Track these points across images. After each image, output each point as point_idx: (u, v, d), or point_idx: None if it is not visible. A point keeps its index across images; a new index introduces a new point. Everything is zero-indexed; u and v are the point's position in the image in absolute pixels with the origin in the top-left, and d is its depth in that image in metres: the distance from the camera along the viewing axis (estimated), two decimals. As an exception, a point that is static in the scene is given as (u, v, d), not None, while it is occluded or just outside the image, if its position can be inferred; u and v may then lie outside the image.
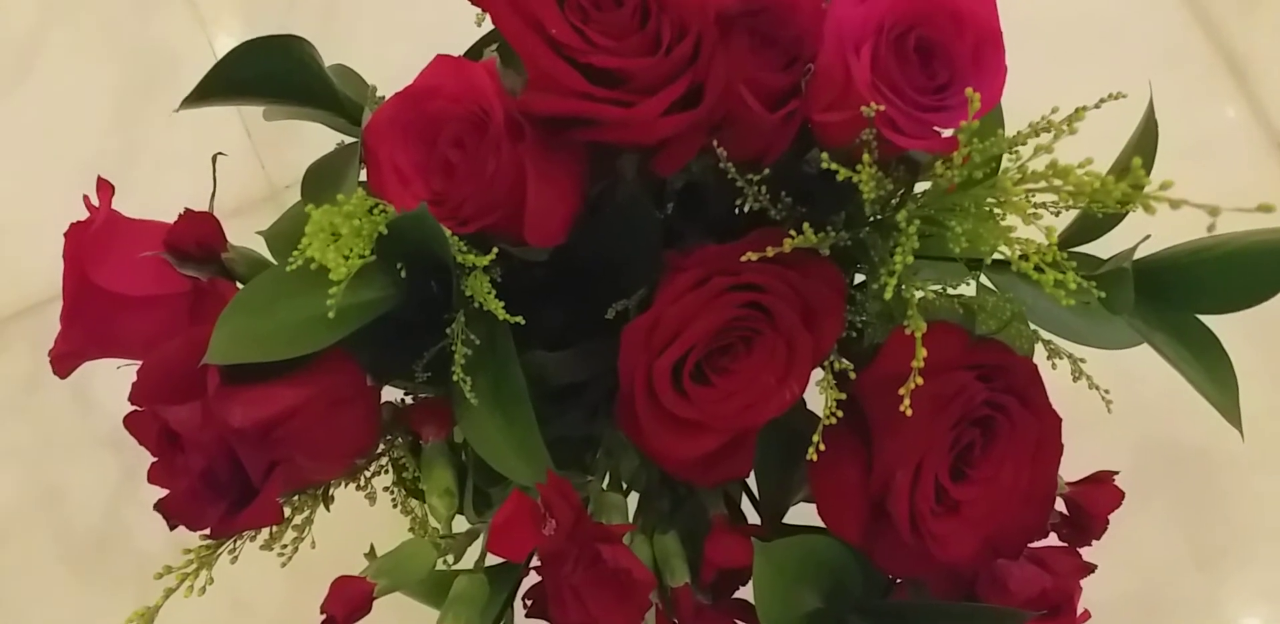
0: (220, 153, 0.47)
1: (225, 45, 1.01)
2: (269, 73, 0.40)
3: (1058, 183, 0.28)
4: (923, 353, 0.35)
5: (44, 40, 1.00)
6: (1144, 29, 0.88)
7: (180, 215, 0.43)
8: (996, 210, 0.36)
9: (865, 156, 0.34)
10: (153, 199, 0.48)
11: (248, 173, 0.93)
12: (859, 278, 0.46)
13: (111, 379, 0.41)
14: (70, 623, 0.85)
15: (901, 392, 0.35)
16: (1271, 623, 0.76)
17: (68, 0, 1.01)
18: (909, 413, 0.35)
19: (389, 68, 0.44)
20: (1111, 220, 0.43)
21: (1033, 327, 0.47)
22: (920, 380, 0.34)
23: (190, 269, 0.43)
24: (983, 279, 0.46)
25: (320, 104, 0.43)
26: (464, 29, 0.43)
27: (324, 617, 0.34)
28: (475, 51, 0.44)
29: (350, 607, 0.34)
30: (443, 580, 0.41)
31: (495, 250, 0.35)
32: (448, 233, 0.34)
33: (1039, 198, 0.32)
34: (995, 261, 0.46)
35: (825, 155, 0.33)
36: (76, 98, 0.99)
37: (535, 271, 0.44)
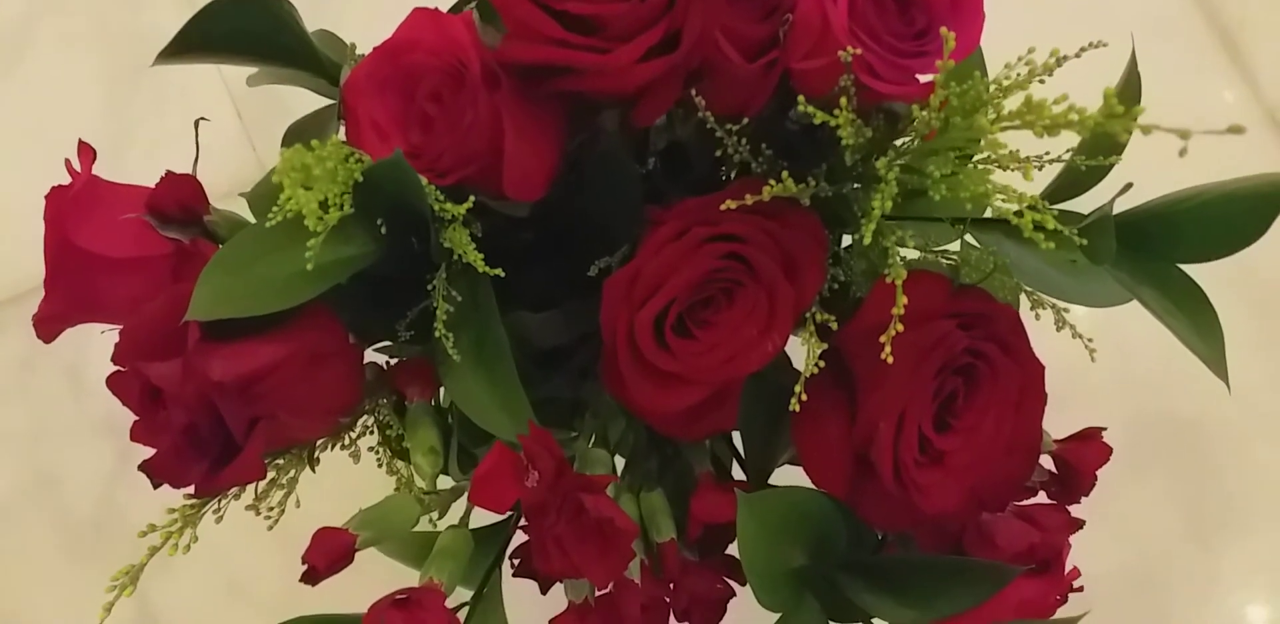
0: (203, 118, 0.47)
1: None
2: (246, 29, 0.40)
3: (1032, 119, 0.28)
4: (903, 300, 0.34)
5: (34, 28, 1.00)
6: (1136, 6, 0.88)
7: (162, 178, 0.43)
8: (976, 156, 0.36)
9: (843, 101, 0.34)
10: (145, 183, 0.48)
11: (239, 155, 0.93)
12: (846, 241, 0.46)
13: (106, 364, 0.41)
14: (66, 607, 0.85)
15: (883, 339, 0.35)
16: (1268, 594, 0.76)
17: (55, -14, 1.01)
18: (890, 361, 0.34)
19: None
20: (1095, 175, 0.43)
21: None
22: (901, 328, 0.34)
23: (173, 231, 0.42)
24: (969, 239, 0.46)
25: (301, 64, 0.43)
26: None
27: (305, 567, 0.34)
28: (456, 9, 0.44)
29: (331, 557, 0.34)
30: (427, 542, 0.40)
31: (472, 199, 0.35)
32: (424, 181, 0.34)
33: (1015, 134, 0.31)
34: (979, 221, 0.47)
35: (802, 99, 0.33)
36: (67, 85, 0.99)
37: (518, 231, 0.44)
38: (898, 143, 0.38)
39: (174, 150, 0.47)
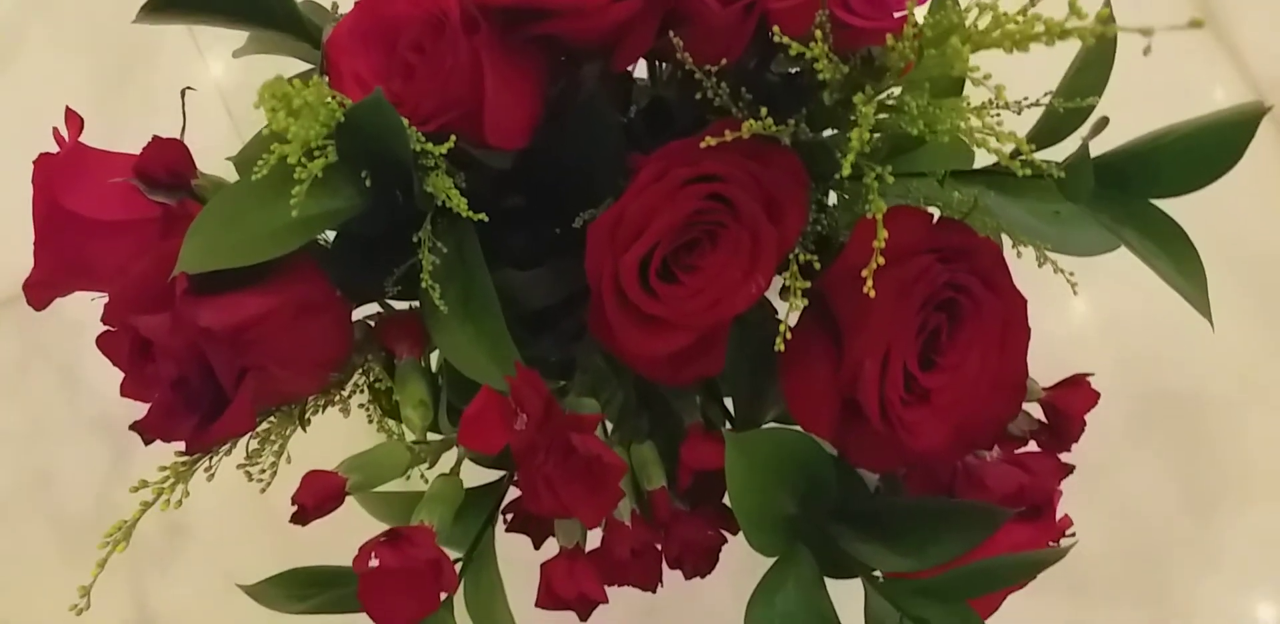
0: (189, 87, 0.47)
1: (204, 30, 1.02)
2: (227, -12, 0.40)
3: (1000, 36, 0.28)
4: (884, 234, 0.35)
5: (23, 30, 1.01)
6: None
7: (149, 143, 0.43)
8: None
9: (818, 34, 0.34)
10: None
11: (231, 152, 0.94)
12: (833, 200, 0.46)
13: (101, 364, 0.41)
14: (63, 605, 0.85)
15: (865, 273, 0.35)
16: (1268, 565, 0.76)
17: (42, -9, 1.02)
18: (872, 294, 0.35)
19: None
20: (1075, 118, 0.43)
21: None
22: (882, 261, 0.35)
23: (161, 195, 0.43)
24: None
25: (282, 27, 0.43)
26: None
27: (295, 507, 0.34)
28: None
29: (320, 497, 0.34)
30: (414, 502, 0.41)
31: (454, 138, 0.35)
32: (405, 122, 0.34)
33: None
34: (962, 174, 0.47)
35: (777, 29, 0.34)
36: (57, 86, 1.00)
37: (505, 194, 0.44)
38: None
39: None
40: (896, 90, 0.39)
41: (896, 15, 0.36)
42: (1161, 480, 0.79)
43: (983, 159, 0.47)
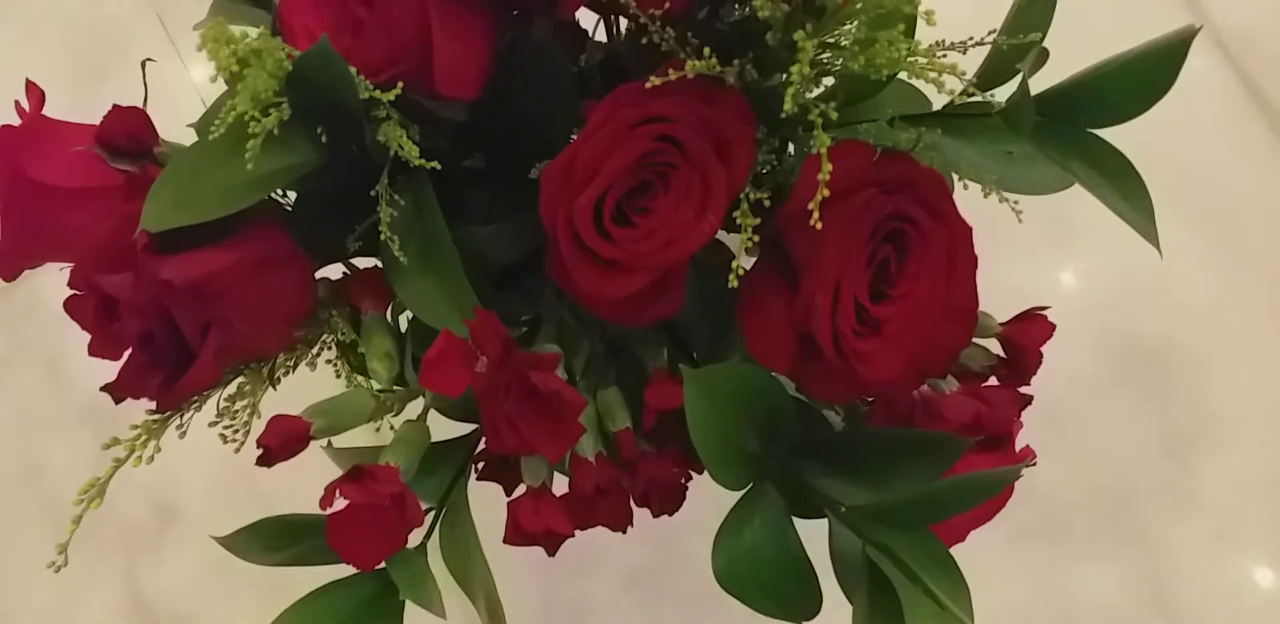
0: (149, 59, 0.48)
1: (176, 24, 1.03)
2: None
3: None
4: (828, 167, 0.36)
5: (-3, 26, 1.02)
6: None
7: (109, 111, 0.44)
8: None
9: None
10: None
11: (203, 140, 0.94)
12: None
13: (84, 358, 0.42)
14: (57, 594, 0.86)
15: (811, 206, 0.36)
16: (1242, 506, 0.77)
17: (13, -12, 1.02)
18: (819, 227, 0.35)
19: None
20: (1020, 56, 0.44)
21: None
22: (827, 193, 0.35)
23: (123, 163, 0.43)
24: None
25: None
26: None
27: (259, 450, 0.35)
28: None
29: (284, 439, 0.35)
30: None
31: (401, 85, 0.36)
32: (354, 71, 0.35)
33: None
34: (914, 117, 0.48)
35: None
36: (31, 68, 1.00)
37: (463, 146, 0.45)
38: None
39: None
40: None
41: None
42: (1137, 426, 0.80)
43: (937, 105, 0.48)
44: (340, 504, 0.34)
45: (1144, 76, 0.38)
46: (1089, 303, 0.83)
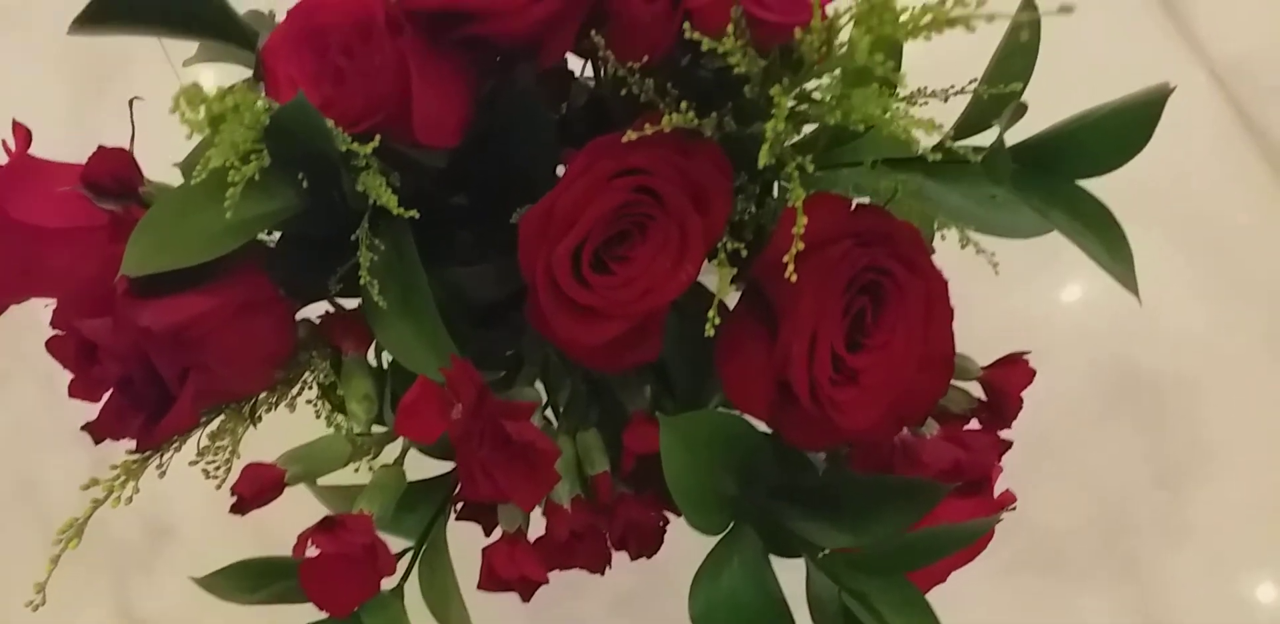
0: (137, 97, 0.48)
1: (174, 43, 1.03)
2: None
3: (885, 19, 0.29)
4: (803, 220, 0.36)
5: (-4, 45, 1.02)
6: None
7: (95, 152, 0.44)
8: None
9: (730, 28, 0.35)
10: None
11: (200, 160, 0.95)
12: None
13: None
14: (47, 613, 0.86)
15: (786, 259, 0.36)
16: (1232, 537, 0.77)
17: (15, 3, 1.03)
18: (794, 279, 0.36)
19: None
20: (1000, 104, 0.44)
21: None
22: (802, 246, 0.36)
23: (108, 203, 0.44)
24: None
25: (224, 36, 0.44)
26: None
27: (234, 498, 0.35)
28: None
29: (258, 488, 0.35)
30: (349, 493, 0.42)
31: (379, 137, 0.36)
32: (330, 123, 0.35)
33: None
34: (898, 161, 0.48)
35: (687, 26, 0.35)
36: (31, 100, 1.01)
37: (446, 192, 0.45)
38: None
39: (139, 159, 0.49)
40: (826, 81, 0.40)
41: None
42: (1130, 455, 0.80)
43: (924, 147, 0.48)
44: (314, 550, 0.35)
45: (1120, 131, 0.39)
46: (1082, 331, 0.83)
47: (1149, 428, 0.80)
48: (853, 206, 0.38)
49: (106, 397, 0.39)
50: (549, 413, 0.50)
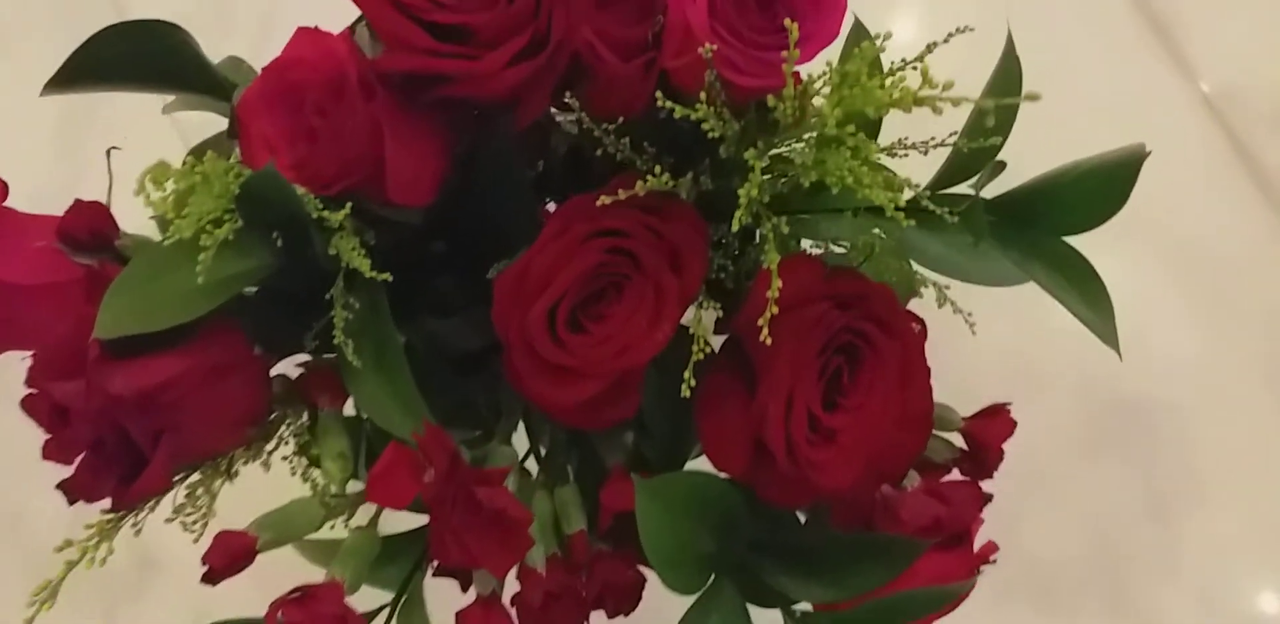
0: (114, 147, 0.48)
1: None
2: (137, 55, 0.41)
3: (855, 94, 0.29)
4: (778, 284, 0.36)
5: (-18, 71, 1.02)
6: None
7: (71, 205, 0.44)
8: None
9: (703, 95, 0.35)
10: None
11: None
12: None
13: None
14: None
15: (760, 322, 0.36)
16: (1225, 569, 0.77)
17: (3, 32, 1.03)
18: (768, 343, 0.36)
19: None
20: (980, 157, 0.44)
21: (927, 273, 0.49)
22: (776, 310, 0.35)
23: (84, 257, 0.43)
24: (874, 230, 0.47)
25: (200, 89, 0.44)
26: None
27: (205, 567, 0.35)
28: (354, 27, 0.45)
29: (230, 558, 0.35)
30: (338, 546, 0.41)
31: (350, 206, 0.36)
32: (301, 191, 0.35)
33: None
34: (880, 209, 0.48)
35: (659, 95, 0.34)
36: (19, 127, 1.01)
37: (423, 241, 0.45)
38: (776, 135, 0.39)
39: (127, 186, 0.48)
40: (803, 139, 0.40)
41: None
42: (1121, 486, 0.80)
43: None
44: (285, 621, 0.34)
45: (1098, 190, 0.39)
46: (1073, 362, 0.83)
47: (1141, 457, 0.80)
48: (827, 270, 0.38)
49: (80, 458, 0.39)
50: (533, 452, 0.50)
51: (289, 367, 0.45)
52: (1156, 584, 0.77)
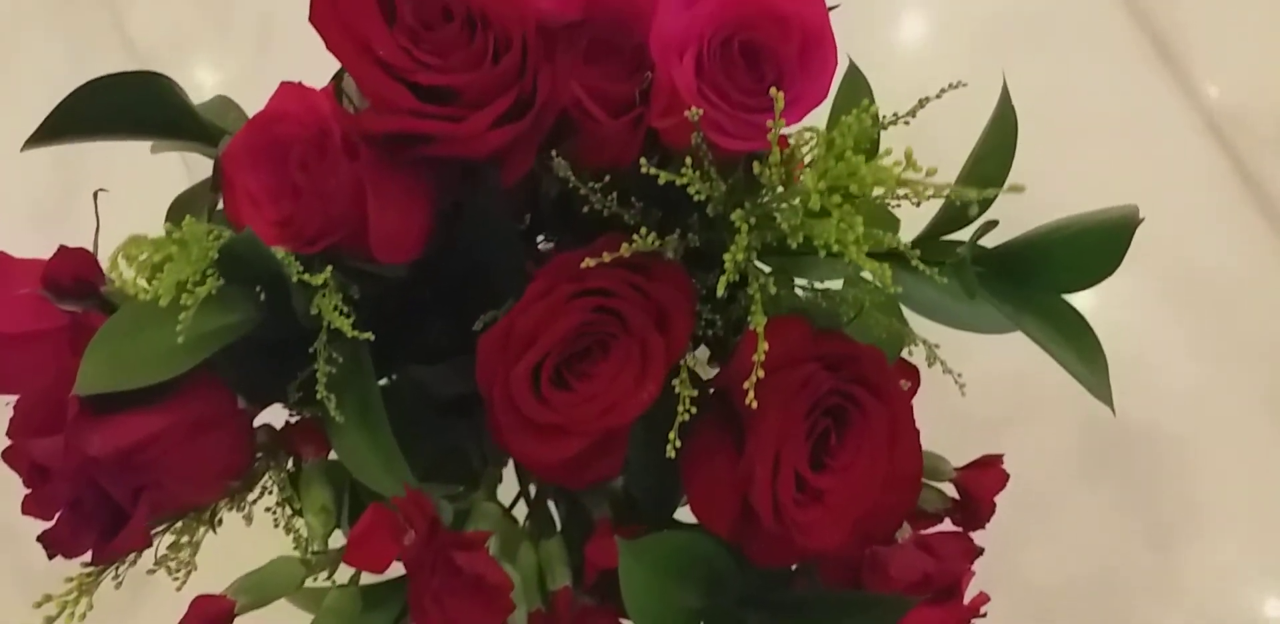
0: (101, 189, 0.47)
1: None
2: (121, 108, 0.40)
3: (838, 171, 0.29)
4: (764, 346, 0.35)
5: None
6: (1070, 15, 0.88)
7: (56, 252, 0.44)
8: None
9: (688, 160, 0.35)
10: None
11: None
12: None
13: None
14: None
15: (746, 386, 0.35)
16: (1226, 598, 0.76)
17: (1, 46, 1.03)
18: (754, 406, 0.35)
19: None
20: (979, 204, 0.44)
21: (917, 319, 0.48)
22: (762, 373, 0.35)
23: (69, 304, 0.43)
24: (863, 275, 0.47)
25: (187, 136, 0.44)
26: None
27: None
28: (338, 78, 0.45)
29: (208, 623, 0.35)
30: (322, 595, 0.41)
31: (330, 270, 0.36)
32: (281, 253, 0.35)
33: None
34: (871, 255, 0.47)
35: (643, 161, 0.34)
36: (18, 132, 1.00)
37: (410, 290, 0.44)
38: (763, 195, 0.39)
39: (124, 202, 0.48)
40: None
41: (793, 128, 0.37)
42: (1120, 513, 0.79)
43: (906, 229, 0.47)
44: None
45: (1091, 250, 0.38)
46: (1072, 388, 0.82)
47: (1141, 486, 0.79)
48: (813, 332, 0.38)
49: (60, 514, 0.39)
50: (523, 494, 0.50)
51: (274, 415, 0.45)
52: (1157, 612, 0.76)
